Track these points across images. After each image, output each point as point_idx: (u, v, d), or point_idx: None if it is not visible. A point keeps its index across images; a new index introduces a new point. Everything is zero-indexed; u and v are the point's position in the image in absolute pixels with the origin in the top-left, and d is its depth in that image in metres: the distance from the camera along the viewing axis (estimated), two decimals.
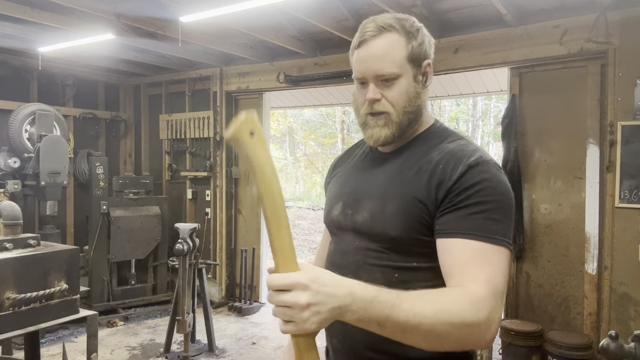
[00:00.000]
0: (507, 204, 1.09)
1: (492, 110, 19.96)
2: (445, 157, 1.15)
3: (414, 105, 1.19)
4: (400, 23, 1.18)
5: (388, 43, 1.16)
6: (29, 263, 2.61)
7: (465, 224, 1.06)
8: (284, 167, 24.09)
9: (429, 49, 1.22)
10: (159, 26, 4.33)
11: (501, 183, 1.10)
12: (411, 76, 1.18)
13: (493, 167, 1.12)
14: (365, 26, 1.19)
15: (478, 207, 1.06)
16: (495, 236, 1.04)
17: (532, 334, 3.80)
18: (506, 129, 4.21)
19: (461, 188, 1.08)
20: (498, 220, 1.06)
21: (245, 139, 0.85)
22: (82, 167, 6.11)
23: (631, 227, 3.59)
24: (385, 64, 1.15)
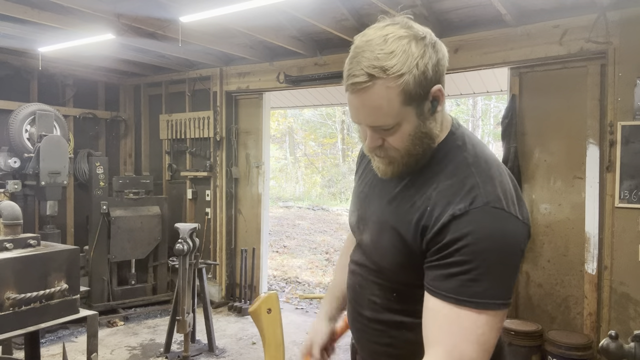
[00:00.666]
0: (498, 258, 0.97)
1: (492, 110, 19.96)
2: (437, 196, 1.05)
3: (422, 144, 1.08)
4: (391, 60, 0.98)
5: (378, 96, 1.00)
6: (29, 263, 2.61)
7: (445, 284, 0.99)
8: (284, 167, 24.09)
9: (436, 71, 1.03)
10: (159, 26, 4.33)
11: (491, 234, 0.97)
12: (414, 116, 1.04)
13: (485, 214, 0.98)
14: (352, 68, 1.01)
15: (459, 267, 0.97)
16: (473, 299, 0.96)
17: (532, 334, 3.80)
18: (506, 129, 4.21)
19: (442, 243, 1.00)
20: (480, 281, 0.96)
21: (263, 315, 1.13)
22: (82, 167, 6.11)
23: (631, 227, 3.60)
24: (378, 118, 1.03)
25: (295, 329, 5.19)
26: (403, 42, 0.99)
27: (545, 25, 3.92)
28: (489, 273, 0.97)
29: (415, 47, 1.00)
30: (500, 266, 0.98)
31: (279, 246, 10.79)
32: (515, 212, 1.02)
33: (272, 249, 10.21)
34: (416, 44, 1.00)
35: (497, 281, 0.98)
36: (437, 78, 1.03)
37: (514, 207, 1.02)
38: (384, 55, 0.98)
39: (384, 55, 0.98)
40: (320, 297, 6.31)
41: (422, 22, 1.16)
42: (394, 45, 0.99)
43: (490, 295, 0.96)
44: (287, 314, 5.74)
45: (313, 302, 6.30)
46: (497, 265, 0.97)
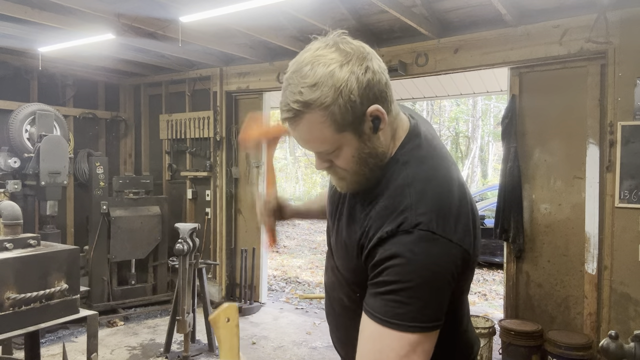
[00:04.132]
0: (423, 281, 0.96)
1: (492, 110, 19.97)
2: (374, 217, 1.06)
3: (368, 162, 1.07)
4: (315, 93, 0.97)
5: (308, 128, 1.01)
6: (29, 263, 2.62)
7: (373, 301, 1.00)
8: (284, 167, 24.09)
9: (367, 93, 1.00)
10: (159, 26, 4.33)
11: (416, 257, 0.97)
12: (353, 139, 1.03)
13: (412, 237, 0.98)
14: (282, 102, 1.03)
15: (383, 287, 0.98)
16: (394, 320, 0.96)
17: (532, 334, 3.80)
18: (506, 129, 4.21)
19: (371, 263, 1.02)
20: (403, 303, 0.96)
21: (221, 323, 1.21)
22: (82, 167, 6.11)
23: (631, 227, 3.60)
24: (316, 146, 1.06)
25: (295, 329, 5.19)
26: (328, 70, 0.98)
27: (545, 25, 3.92)
28: (413, 296, 0.96)
29: (340, 73, 0.98)
30: (425, 289, 0.97)
31: (279, 246, 10.79)
32: (448, 234, 0.99)
33: (272, 248, 10.20)
34: (340, 69, 0.98)
35: (422, 304, 0.97)
36: (372, 98, 1.01)
37: (444, 229, 1.00)
38: (307, 89, 0.98)
39: (307, 89, 0.98)
40: (320, 297, 6.31)
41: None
42: (318, 73, 0.98)
43: (413, 318, 0.96)
44: (287, 313, 5.75)
45: (313, 302, 6.30)
46: (422, 289, 0.97)
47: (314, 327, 5.27)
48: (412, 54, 4.57)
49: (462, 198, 1.07)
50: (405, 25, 4.20)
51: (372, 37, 4.68)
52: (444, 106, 20.19)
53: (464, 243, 1.02)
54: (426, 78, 5.45)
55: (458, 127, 20.73)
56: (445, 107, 20.26)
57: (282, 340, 4.86)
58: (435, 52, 4.46)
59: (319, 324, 5.34)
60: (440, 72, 4.59)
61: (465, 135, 20.98)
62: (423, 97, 7.73)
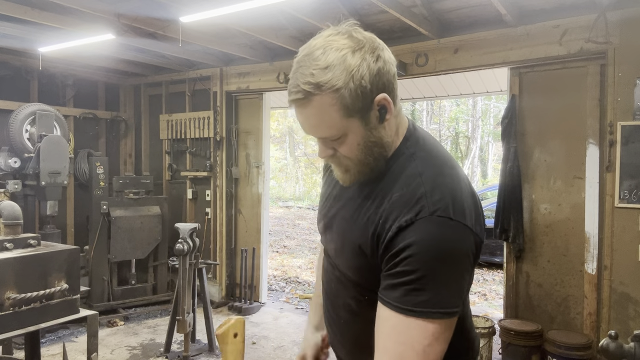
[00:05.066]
0: (443, 267, 0.98)
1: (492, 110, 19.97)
2: (389, 208, 1.06)
3: (373, 152, 1.08)
4: (326, 75, 0.97)
5: (317, 110, 1.00)
6: (29, 263, 2.62)
7: (392, 293, 1.00)
8: (284, 167, 24.09)
9: (377, 81, 1.01)
10: (159, 26, 4.33)
11: (436, 243, 0.98)
12: (359, 126, 1.04)
13: (431, 224, 0.99)
14: (291, 84, 1.02)
15: (404, 277, 0.98)
16: (418, 308, 0.97)
17: (531, 333, 3.81)
18: (506, 129, 4.21)
19: (390, 253, 1.02)
20: (425, 290, 0.97)
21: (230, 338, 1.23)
22: (83, 167, 6.11)
23: (631, 227, 3.60)
24: (322, 130, 1.05)
25: (295, 329, 5.19)
26: (340, 54, 0.98)
27: (545, 25, 3.92)
28: (434, 282, 0.97)
29: (352, 59, 0.98)
30: (446, 275, 0.98)
31: (279, 246, 10.79)
32: (464, 220, 1.01)
33: (272, 249, 10.21)
34: (353, 55, 0.99)
35: (443, 290, 0.98)
36: (380, 87, 1.02)
37: (462, 215, 1.01)
38: (319, 71, 0.98)
39: (319, 70, 0.98)
40: None
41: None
42: (330, 57, 0.98)
43: (435, 304, 0.97)
44: (287, 313, 5.75)
45: None
46: (443, 274, 0.98)
47: None
48: (412, 54, 4.58)
49: (470, 189, 1.10)
50: (405, 25, 4.20)
51: None
52: (444, 106, 20.19)
53: (477, 229, 1.04)
54: (426, 78, 5.45)
55: (458, 127, 20.73)
56: (445, 107, 20.27)
57: (282, 340, 4.87)
58: (435, 52, 4.46)
59: None
60: (440, 72, 4.59)
61: (465, 135, 20.98)
62: (423, 97, 7.74)
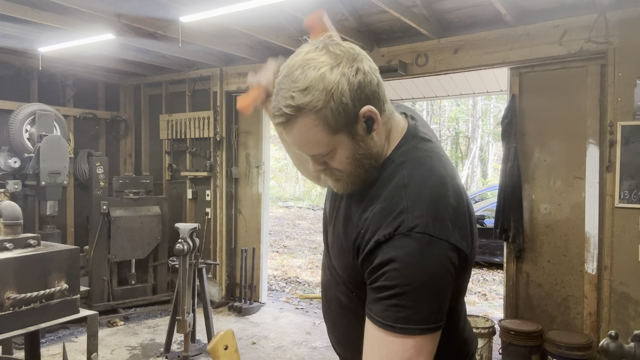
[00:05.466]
0: (421, 284, 0.97)
1: (492, 110, 19.97)
2: (371, 219, 1.05)
3: (363, 163, 1.08)
4: (306, 97, 0.97)
5: (301, 132, 1.01)
6: (29, 263, 2.61)
7: (375, 307, 1.01)
8: (284, 167, 24.09)
9: (359, 95, 1.00)
10: (159, 26, 4.33)
11: (414, 260, 0.97)
12: (347, 140, 1.03)
13: (409, 240, 0.98)
14: (274, 106, 1.03)
15: (384, 292, 0.99)
16: (398, 325, 0.97)
17: (532, 333, 3.81)
18: (506, 129, 4.21)
19: (370, 267, 1.02)
20: (404, 306, 0.97)
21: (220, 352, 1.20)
22: (83, 167, 6.11)
23: (631, 227, 3.60)
24: (310, 149, 1.05)
25: (295, 329, 5.19)
26: (318, 73, 0.98)
27: (545, 25, 3.92)
28: (413, 299, 0.97)
29: (331, 76, 0.98)
30: (424, 292, 0.98)
31: (279, 246, 10.79)
32: (445, 236, 0.99)
33: (272, 249, 10.21)
34: (331, 72, 0.98)
35: (421, 307, 0.98)
36: (364, 99, 1.01)
37: (443, 231, 1.00)
38: (298, 94, 0.98)
39: (298, 93, 0.98)
40: (320, 297, 6.31)
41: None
42: (309, 77, 0.98)
43: (413, 320, 0.97)
44: (287, 313, 5.75)
45: (313, 302, 6.30)
46: (421, 291, 0.97)
47: (314, 327, 5.27)
48: (412, 54, 4.58)
49: (458, 199, 1.06)
50: (405, 25, 4.20)
51: (372, 37, 4.69)
52: (444, 106, 20.19)
53: (461, 244, 1.02)
54: (426, 78, 5.45)
55: (458, 127, 20.73)
56: (445, 107, 20.27)
57: (282, 340, 4.87)
58: (435, 52, 4.46)
59: (319, 324, 5.33)
60: (440, 72, 4.59)
61: (465, 135, 20.99)
62: (423, 97, 7.74)
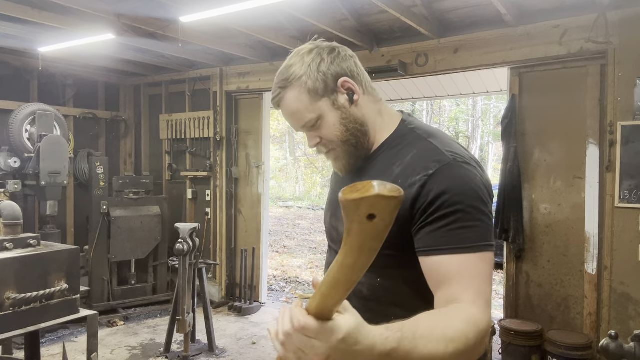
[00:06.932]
0: (477, 202, 1.06)
1: (492, 110, 19.96)
2: (403, 170, 1.14)
3: (351, 129, 1.21)
4: (290, 71, 1.19)
5: (290, 101, 1.20)
6: (29, 263, 2.62)
7: (441, 239, 1.05)
8: (284, 167, 24.09)
9: (335, 67, 1.19)
10: (159, 26, 4.33)
11: (465, 182, 1.07)
12: (329, 108, 1.19)
13: (455, 167, 1.09)
14: (272, 92, 1.25)
15: (447, 219, 1.04)
16: (473, 244, 1.03)
17: (532, 333, 3.81)
18: (506, 129, 4.21)
19: (426, 203, 1.07)
20: (471, 226, 1.04)
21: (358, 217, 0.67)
22: (82, 167, 6.11)
23: (631, 227, 3.60)
24: (300, 117, 1.22)
25: None
26: (299, 55, 1.20)
27: (545, 25, 3.92)
28: (476, 216, 1.05)
29: (308, 55, 1.19)
30: (482, 211, 1.07)
31: (279, 246, 10.79)
32: (476, 166, 1.13)
33: (272, 249, 10.21)
34: (309, 53, 1.19)
35: (484, 222, 1.06)
36: (340, 72, 1.18)
37: (473, 161, 1.13)
38: (286, 70, 1.21)
39: (286, 69, 1.21)
40: None
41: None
42: (293, 59, 1.21)
43: (483, 237, 1.05)
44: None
45: None
46: (480, 211, 1.06)
47: None
48: (412, 54, 4.58)
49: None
50: (405, 25, 4.20)
51: (372, 37, 4.69)
52: (444, 106, 20.18)
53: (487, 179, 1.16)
54: (426, 78, 5.45)
55: (458, 127, 20.73)
56: (445, 107, 20.26)
57: None
58: (435, 52, 4.46)
59: None
60: (440, 72, 4.59)
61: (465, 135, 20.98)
62: (423, 97, 7.73)
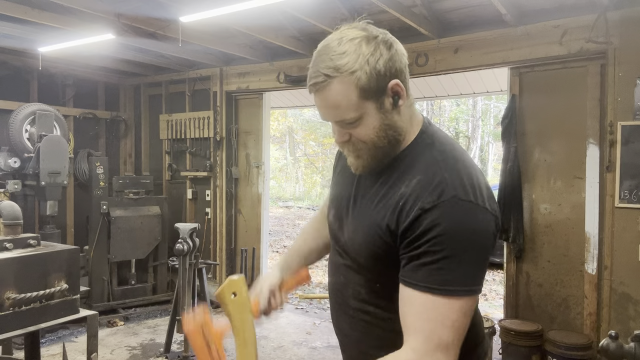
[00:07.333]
0: (467, 246, 1.02)
1: (492, 110, 19.96)
2: (409, 192, 1.10)
3: (387, 137, 1.13)
4: (343, 59, 1.05)
5: (336, 92, 1.07)
6: (29, 263, 2.61)
7: (417, 274, 1.04)
8: (284, 167, 24.10)
9: (390, 67, 1.08)
10: (159, 26, 4.33)
11: (461, 226, 1.03)
12: (374, 110, 1.10)
13: (453, 206, 1.04)
14: (312, 71, 1.10)
15: (429, 257, 1.02)
16: (446, 287, 1.01)
17: (532, 334, 3.80)
18: (506, 129, 4.21)
19: (413, 235, 1.05)
20: (450, 269, 1.01)
21: (228, 299, 1.08)
22: (82, 167, 6.11)
23: (631, 227, 3.60)
24: (340, 113, 1.10)
25: (295, 329, 5.19)
26: (355, 43, 1.06)
27: (545, 25, 3.92)
28: (458, 262, 1.02)
29: (366, 46, 1.06)
30: (469, 254, 1.03)
31: (279, 246, 10.78)
32: (483, 203, 1.07)
33: (272, 249, 10.20)
34: (367, 44, 1.06)
35: (466, 269, 1.02)
36: (393, 73, 1.08)
37: (481, 199, 1.07)
38: (337, 56, 1.06)
39: (337, 55, 1.06)
40: (320, 297, 6.31)
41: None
42: (346, 46, 1.06)
43: (459, 282, 1.02)
44: (287, 313, 5.75)
45: (313, 302, 6.30)
46: (466, 253, 1.03)
47: (314, 327, 5.27)
48: (412, 54, 4.57)
49: (482, 173, 1.16)
50: (405, 25, 4.20)
51: None
52: (444, 106, 20.18)
53: (496, 212, 1.10)
54: (426, 78, 5.45)
55: (458, 127, 20.72)
56: (445, 107, 20.25)
57: (282, 340, 4.86)
58: (435, 52, 4.46)
59: (319, 324, 5.34)
60: (440, 72, 4.59)
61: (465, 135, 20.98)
62: (423, 97, 7.74)
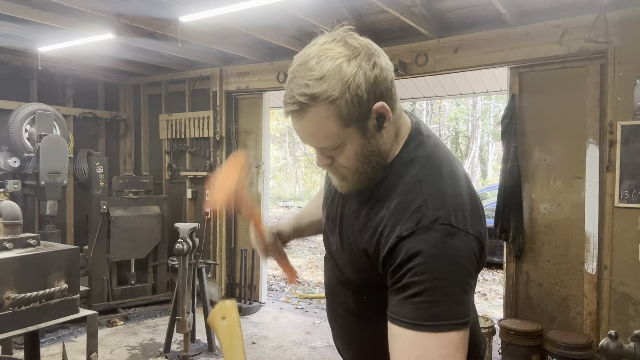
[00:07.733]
0: (450, 277, 0.95)
1: (492, 110, 19.97)
2: (388, 217, 1.03)
3: (370, 163, 1.05)
4: (322, 86, 0.95)
5: (314, 123, 0.98)
6: (29, 263, 2.61)
7: (402, 309, 0.97)
8: (284, 167, 24.10)
9: (374, 90, 0.98)
10: (159, 26, 4.33)
11: (440, 253, 0.95)
12: (357, 136, 1.01)
13: (433, 233, 0.96)
14: (287, 95, 1.00)
15: (411, 290, 0.95)
16: (430, 323, 0.94)
17: (532, 334, 3.80)
18: (506, 129, 4.21)
19: (394, 266, 0.99)
20: (434, 302, 0.94)
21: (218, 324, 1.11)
22: (82, 167, 6.11)
23: (631, 227, 3.60)
24: (319, 141, 1.02)
25: (295, 329, 5.19)
26: (335, 64, 0.96)
27: (545, 25, 3.92)
28: (442, 293, 0.95)
29: (348, 68, 0.96)
30: (454, 284, 0.96)
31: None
32: (465, 227, 0.99)
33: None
34: (348, 64, 0.96)
35: (452, 301, 0.95)
36: (378, 95, 0.99)
37: (463, 222, 0.99)
38: (314, 82, 0.95)
39: (314, 81, 0.96)
40: (320, 297, 6.31)
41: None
42: (326, 67, 0.96)
43: (446, 316, 0.94)
44: (287, 313, 5.75)
45: (313, 302, 6.30)
46: (450, 284, 0.95)
47: (314, 327, 5.27)
48: (412, 54, 4.57)
49: (471, 191, 1.07)
50: (405, 25, 4.20)
51: (372, 37, 4.60)
52: (444, 106, 20.18)
53: (481, 234, 1.02)
54: (426, 78, 5.45)
55: (458, 127, 20.73)
56: (445, 107, 20.26)
57: (282, 340, 4.86)
58: (435, 52, 4.45)
59: (319, 324, 5.34)
60: (440, 72, 4.59)
61: (465, 135, 20.99)
62: (423, 97, 7.74)
